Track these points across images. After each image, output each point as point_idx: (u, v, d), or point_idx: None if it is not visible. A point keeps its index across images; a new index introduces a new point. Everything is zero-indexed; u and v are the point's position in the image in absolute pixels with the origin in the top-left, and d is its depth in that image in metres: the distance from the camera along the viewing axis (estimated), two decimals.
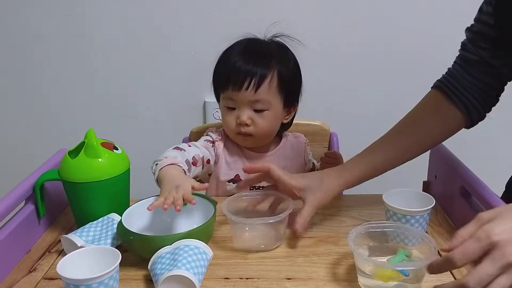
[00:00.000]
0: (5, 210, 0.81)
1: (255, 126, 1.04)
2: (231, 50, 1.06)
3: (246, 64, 1.01)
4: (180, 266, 0.69)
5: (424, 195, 0.86)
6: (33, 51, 1.68)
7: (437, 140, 0.93)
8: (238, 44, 1.06)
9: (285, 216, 0.83)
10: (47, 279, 0.78)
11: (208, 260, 0.75)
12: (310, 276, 0.76)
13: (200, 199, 0.86)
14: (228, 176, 1.10)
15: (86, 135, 0.85)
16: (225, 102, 1.05)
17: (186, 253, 0.71)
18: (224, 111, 1.07)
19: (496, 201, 0.78)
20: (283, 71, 1.04)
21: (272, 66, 1.02)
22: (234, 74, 1.01)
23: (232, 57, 1.03)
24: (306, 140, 1.20)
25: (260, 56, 1.03)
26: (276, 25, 1.10)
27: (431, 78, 0.98)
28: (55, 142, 1.27)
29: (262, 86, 1.01)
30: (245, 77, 1.00)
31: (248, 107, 1.03)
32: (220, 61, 1.07)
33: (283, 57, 1.06)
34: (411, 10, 1.61)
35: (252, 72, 1.00)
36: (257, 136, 1.06)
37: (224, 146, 1.11)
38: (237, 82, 1.00)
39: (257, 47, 1.06)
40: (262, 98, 1.02)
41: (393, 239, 0.77)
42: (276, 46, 1.07)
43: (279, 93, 1.04)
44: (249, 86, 1.00)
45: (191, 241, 0.74)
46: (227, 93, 1.03)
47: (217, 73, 1.07)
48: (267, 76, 1.01)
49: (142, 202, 0.87)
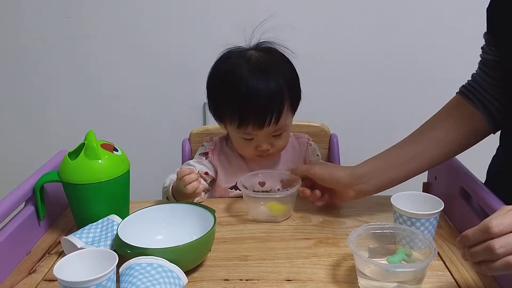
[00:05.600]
0: (5, 212, 0.81)
1: (274, 148, 1.04)
2: (238, 79, 0.97)
3: (264, 101, 0.95)
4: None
5: (433, 198, 0.84)
6: (33, 53, 1.68)
7: (456, 144, 0.90)
8: (242, 68, 0.98)
9: (293, 192, 0.92)
10: (47, 280, 0.78)
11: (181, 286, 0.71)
12: (310, 278, 0.76)
13: (199, 208, 0.85)
14: (229, 183, 1.09)
15: (86, 137, 0.85)
16: (242, 135, 1.02)
17: (158, 274, 0.69)
18: (239, 141, 1.04)
19: (497, 203, 0.77)
20: (291, 87, 1.01)
21: (284, 89, 0.98)
22: (254, 116, 0.96)
23: (243, 89, 0.96)
24: (309, 139, 1.17)
25: (273, 83, 0.97)
26: (276, 25, 1.09)
27: (431, 81, 0.99)
28: (55, 143, 1.27)
29: (282, 116, 0.98)
30: (266, 116, 0.96)
31: (268, 137, 1.02)
32: (225, 90, 0.99)
33: (286, 71, 1.02)
34: (412, 12, 1.61)
35: (272, 108, 0.96)
36: (276, 153, 1.08)
37: (219, 154, 1.11)
38: (257, 122, 0.97)
39: (267, 67, 0.99)
40: (281, 126, 1.01)
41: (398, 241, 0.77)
42: (280, 60, 1.02)
43: (291, 111, 1.03)
44: (270, 123, 0.97)
45: (166, 263, 0.71)
46: (245, 129, 0.99)
47: (227, 104, 1.00)
48: (284, 105, 0.98)
49: (141, 212, 0.85)
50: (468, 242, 0.60)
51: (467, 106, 0.89)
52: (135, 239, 0.76)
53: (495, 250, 0.57)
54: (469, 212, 0.86)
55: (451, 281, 0.74)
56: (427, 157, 0.90)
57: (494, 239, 0.57)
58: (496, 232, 0.57)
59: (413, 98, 1.69)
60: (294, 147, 1.15)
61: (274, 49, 1.04)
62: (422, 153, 0.89)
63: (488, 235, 0.58)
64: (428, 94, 1.67)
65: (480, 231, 0.59)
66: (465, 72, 0.95)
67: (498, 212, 0.61)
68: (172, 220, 0.85)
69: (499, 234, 0.57)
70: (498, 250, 0.57)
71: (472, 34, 1.51)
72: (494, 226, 0.57)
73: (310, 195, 0.94)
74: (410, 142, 0.92)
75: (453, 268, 0.77)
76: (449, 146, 0.90)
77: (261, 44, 1.05)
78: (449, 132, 0.89)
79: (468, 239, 0.60)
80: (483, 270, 0.60)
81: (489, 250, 0.57)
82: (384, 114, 1.71)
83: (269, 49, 1.04)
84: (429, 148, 0.89)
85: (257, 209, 0.95)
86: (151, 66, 1.68)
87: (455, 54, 1.63)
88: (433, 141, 0.89)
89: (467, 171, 0.92)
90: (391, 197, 0.84)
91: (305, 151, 1.15)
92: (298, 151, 1.15)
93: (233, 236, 0.90)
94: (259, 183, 1.01)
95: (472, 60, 0.95)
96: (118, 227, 0.79)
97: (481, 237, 0.59)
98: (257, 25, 1.07)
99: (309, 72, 1.08)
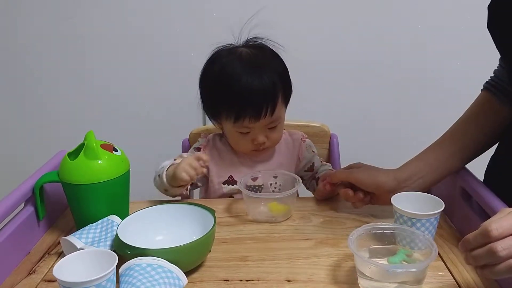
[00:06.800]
0: (5, 212, 0.80)
1: (270, 140, 1.06)
2: (231, 77, 1.00)
3: (259, 95, 0.99)
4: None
5: (434, 199, 0.84)
6: (33, 53, 1.68)
7: (488, 139, 0.91)
8: (235, 65, 1.01)
9: (293, 192, 0.93)
10: (47, 281, 0.78)
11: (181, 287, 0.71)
12: (310, 278, 0.76)
13: (199, 208, 0.85)
14: (222, 178, 1.10)
15: (86, 137, 0.85)
16: (238, 129, 1.04)
17: (158, 275, 0.69)
18: (235, 135, 1.06)
19: (497, 203, 0.77)
20: (283, 81, 1.03)
21: (277, 83, 1.01)
22: (250, 109, 0.99)
23: (238, 85, 0.99)
24: (303, 136, 1.18)
25: (266, 78, 1.00)
26: (275, 26, 1.10)
27: (431, 81, 0.98)
28: (55, 143, 1.27)
29: (276, 108, 1.01)
30: (261, 108, 0.99)
31: (264, 129, 1.04)
32: (220, 87, 1.02)
33: (278, 65, 1.05)
34: (412, 12, 1.61)
35: (267, 100, 0.99)
36: (271, 146, 1.09)
37: (212, 150, 1.12)
38: (254, 114, 0.99)
39: (259, 63, 1.02)
40: (276, 117, 1.03)
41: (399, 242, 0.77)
42: (271, 56, 1.05)
43: (284, 103, 1.06)
44: (266, 114, 1.00)
45: (166, 263, 0.71)
46: (241, 123, 1.01)
47: (222, 102, 1.02)
48: (278, 97, 1.01)
49: (140, 212, 0.84)
50: (469, 246, 0.60)
51: (493, 102, 0.90)
52: (135, 239, 0.76)
53: (497, 252, 0.56)
54: (470, 212, 0.86)
55: (452, 282, 0.74)
56: (462, 156, 0.90)
57: (497, 242, 0.57)
58: (495, 236, 0.57)
59: (413, 98, 1.69)
60: (288, 143, 1.17)
61: (264, 45, 1.07)
62: (457, 152, 0.90)
63: (488, 238, 0.57)
64: (428, 94, 1.68)
65: (480, 235, 0.59)
66: (465, 72, 0.96)
67: (497, 214, 0.60)
68: (172, 221, 0.85)
69: (499, 237, 0.57)
70: (501, 253, 0.56)
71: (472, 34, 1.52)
72: (493, 230, 0.57)
73: (353, 196, 0.92)
74: (445, 142, 0.92)
75: (453, 269, 0.77)
76: (482, 142, 0.91)
77: (250, 41, 1.07)
78: (481, 129, 0.90)
79: (470, 242, 0.60)
80: (487, 274, 0.59)
81: (492, 252, 0.57)
82: (384, 114, 1.71)
83: (259, 45, 1.07)
84: (463, 147, 0.90)
85: (257, 210, 0.95)
86: (151, 66, 1.68)
87: (455, 54, 1.63)
88: (466, 140, 0.90)
89: (468, 171, 0.92)
90: (392, 197, 0.84)
91: (299, 147, 1.16)
92: (291, 146, 1.16)
93: (233, 236, 0.90)
94: (251, 178, 1.03)
95: (472, 60, 0.95)
96: (118, 228, 0.79)
97: (482, 240, 0.58)
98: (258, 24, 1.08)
99: (309, 72, 1.09)
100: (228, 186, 1.09)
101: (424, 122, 1.69)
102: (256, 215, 0.95)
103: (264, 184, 1.04)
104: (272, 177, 1.04)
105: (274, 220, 0.94)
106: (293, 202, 0.96)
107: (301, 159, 1.16)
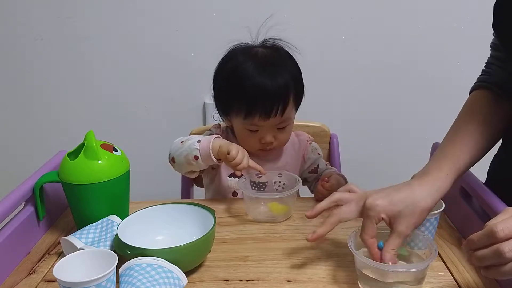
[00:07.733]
0: (5, 212, 0.80)
1: (278, 141, 1.07)
2: (245, 73, 1.01)
3: (271, 93, 0.99)
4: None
5: None
6: (33, 53, 1.68)
7: (496, 134, 0.86)
8: (250, 64, 1.02)
9: (293, 192, 0.94)
10: (47, 281, 0.78)
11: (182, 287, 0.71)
12: (310, 278, 0.76)
13: (199, 208, 0.85)
14: (229, 170, 1.10)
15: (86, 137, 0.85)
16: (247, 127, 1.04)
17: (158, 275, 0.69)
18: (244, 133, 1.06)
19: (497, 203, 0.77)
20: (296, 83, 1.04)
21: (290, 84, 1.02)
22: (261, 107, 0.99)
23: (251, 82, 1.00)
24: (309, 138, 1.19)
25: (280, 78, 1.01)
26: (275, 26, 1.10)
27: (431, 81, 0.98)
28: (55, 143, 1.27)
29: (287, 109, 1.02)
30: (272, 107, 0.99)
31: (273, 129, 1.04)
32: (234, 84, 1.02)
33: (292, 67, 1.05)
34: (412, 12, 1.61)
35: (278, 100, 1.00)
36: (278, 147, 1.10)
37: None
38: (264, 112, 1.00)
39: (272, 63, 1.03)
40: (286, 118, 1.04)
41: None
42: (285, 56, 1.06)
43: (295, 105, 1.06)
44: (277, 113, 1.00)
45: (166, 263, 0.71)
46: (251, 120, 1.02)
47: (235, 98, 1.03)
48: (289, 98, 1.02)
49: (141, 212, 0.85)
50: (474, 246, 0.59)
51: (495, 99, 0.86)
52: (135, 239, 0.76)
53: (504, 254, 0.56)
54: (470, 212, 0.86)
55: (452, 282, 0.74)
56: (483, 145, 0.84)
57: (503, 243, 0.56)
58: (501, 237, 0.57)
59: (413, 98, 1.69)
60: (294, 143, 1.17)
61: (279, 46, 1.08)
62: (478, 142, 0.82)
63: (494, 239, 0.57)
64: (428, 94, 1.67)
65: (486, 236, 0.58)
66: (465, 72, 0.95)
67: (502, 215, 0.60)
68: (172, 221, 0.85)
69: (505, 238, 0.57)
70: (508, 254, 0.56)
71: (472, 34, 1.52)
72: (499, 231, 0.57)
73: None
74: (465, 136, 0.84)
75: (453, 269, 0.77)
76: (491, 139, 0.85)
77: (267, 42, 1.08)
78: (493, 118, 0.84)
79: (474, 243, 0.59)
80: (492, 274, 0.59)
81: (498, 254, 0.57)
82: (384, 114, 1.71)
83: (275, 46, 1.08)
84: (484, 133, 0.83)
85: (257, 210, 0.95)
86: (151, 66, 1.68)
87: (456, 54, 1.63)
88: (483, 125, 0.84)
89: (468, 171, 0.92)
90: None
91: (304, 149, 1.17)
92: (297, 147, 1.17)
93: (233, 236, 0.90)
94: (256, 175, 1.02)
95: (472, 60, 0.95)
96: (118, 228, 0.79)
97: (487, 241, 0.58)
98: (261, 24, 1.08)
99: (309, 72, 1.09)
100: (234, 179, 1.10)
101: (424, 122, 1.69)
102: (256, 215, 0.95)
103: (269, 182, 1.04)
104: (277, 176, 1.04)
105: (274, 220, 0.94)
106: (293, 202, 0.96)
107: (305, 160, 1.17)
